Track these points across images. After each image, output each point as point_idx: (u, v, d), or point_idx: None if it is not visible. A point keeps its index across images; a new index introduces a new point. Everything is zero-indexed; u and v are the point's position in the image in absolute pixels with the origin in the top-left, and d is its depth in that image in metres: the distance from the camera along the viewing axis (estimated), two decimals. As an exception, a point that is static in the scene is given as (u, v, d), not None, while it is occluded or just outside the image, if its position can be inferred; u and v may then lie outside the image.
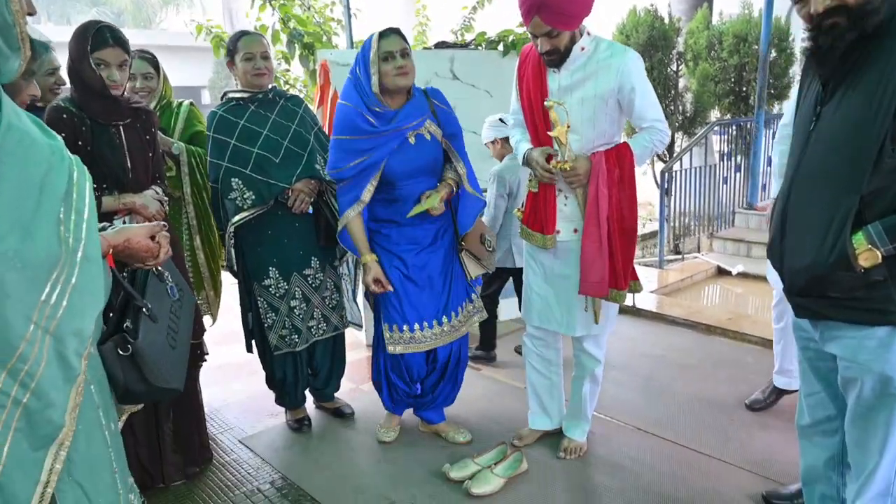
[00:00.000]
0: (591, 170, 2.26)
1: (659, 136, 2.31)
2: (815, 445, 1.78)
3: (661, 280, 5.35)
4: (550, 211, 2.37)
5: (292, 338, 2.80)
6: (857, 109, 1.41)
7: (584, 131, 2.29)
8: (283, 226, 2.71)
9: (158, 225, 1.53)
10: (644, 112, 2.27)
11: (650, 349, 3.82)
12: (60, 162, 1.17)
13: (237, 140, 2.62)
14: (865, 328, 1.47)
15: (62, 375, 1.14)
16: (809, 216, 1.51)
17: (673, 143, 7.44)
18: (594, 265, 2.29)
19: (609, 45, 2.26)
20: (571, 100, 2.25)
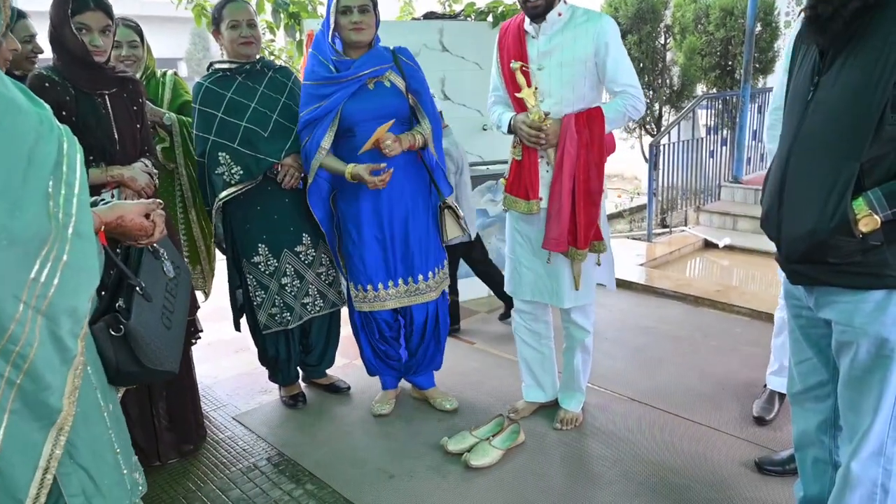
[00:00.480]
0: (560, 130, 2.29)
1: (632, 101, 2.32)
2: (807, 411, 1.81)
3: (649, 253, 5.38)
4: (534, 176, 2.39)
5: (284, 315, 2.77)
6: (857, 78, 1.42)
7: (563, 94, 2.31)
8: (272, 201, 2.66)
9: (154, 203, 1.49)
10: (616, 75, 2.30)
11: (641, 321, 3.86)
12: (49, 132, 1.11)
13: (224, 113, 2.56)
14: (861, 292, 1.50)
15: (58, 357, 1.11)
16: (809, 184, 1.52)
17: (660, 116, 7.45)
18: (553, 221, 2.34)
19: (585, 11, 2.33)
20: (551, 64, 2.31)
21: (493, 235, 4.29)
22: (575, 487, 2.33)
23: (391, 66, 2.52)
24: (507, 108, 2.47)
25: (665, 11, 7.32)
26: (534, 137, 2.29)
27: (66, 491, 1.29)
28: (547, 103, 2.32)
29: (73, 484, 1.30)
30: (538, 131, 2.27)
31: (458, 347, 3.56)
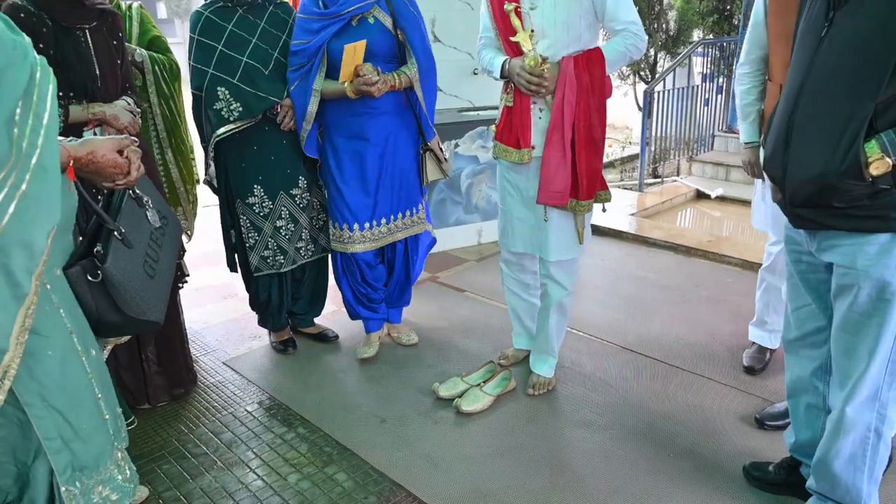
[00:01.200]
0: (559, 75, 2.18)
1: (633, 40, 2.21)
2: (802, 358, 1.82)
3: (640, 203, 5.36)
4: (526, 123, 2.28)
5: (277, 258, 2.74)
6: (877, 15, 1.37)
7: (557, 35, 2.20)
8: (269, 142, 2.60)
9: (127, 139, 1.41)
10: (616, 12, 2.18)
11: (633, 270, 3.86)
12: (23, 59, 1.06)
13: (224, 46, 2.46)
14: (865, 235, 1.48)
15: (8, 293, 1.05)
16: (821, 125, 1.48)
17: (655, 62, 7.32)
18: (557, 174, 2.24)
19: None
20: (544, 3, 2.18)
21: (483, 183, 4.24)
22: (566, 432, 2.36)
23: (378, 2, 2.44)
24: (497, 52, 2.34)
25: (663, -46, 7.12)
26: (533, 84, 2.18)
27: (42, 434, 1.28)
28: (541, 45, 2.20)
29: (49, 427, 1.28)
30: (538, 77, 2.16)
31: (448, 294, 3.55)
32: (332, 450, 2.30)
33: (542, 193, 2.29)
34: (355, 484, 2.12)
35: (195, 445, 2.35)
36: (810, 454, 1.82)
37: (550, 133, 2.24)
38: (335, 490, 2.10)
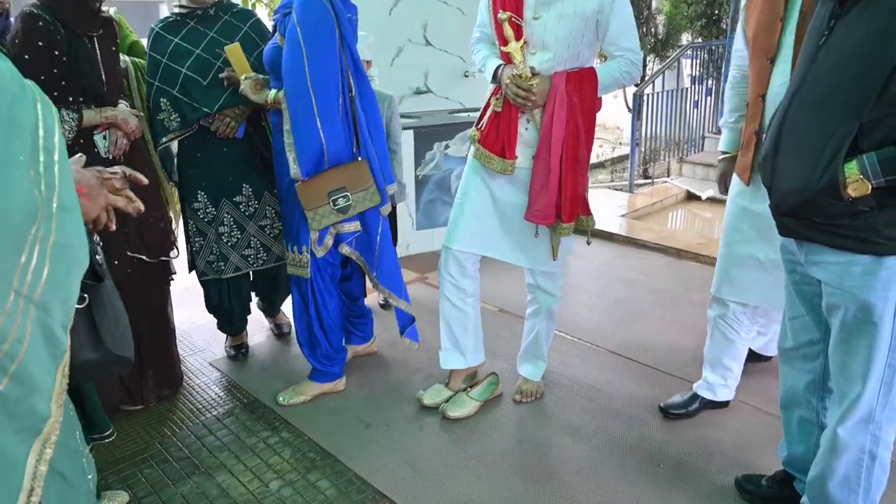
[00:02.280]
0: (550, 90, 2.12)
1: (629, 67, 2.18)
2: (795, 370, 1.79)
3: (630, 204, 5.35)
4: (512, 133, 2.21)
5: (218, 264, 2.74)
6: (872, 29, 1.34)
7: (557, 50, 2.12)
8: (212, 150, 2.61)
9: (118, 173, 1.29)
10: (618, 37, 2.15)
11: (623, 273, 3.85)
12: (21, 90, 0.94)
13: (168, 59, 2.50)
14: (850, 255, 1.46)
15: (48, 353, 0.94)
16: (805, 137, 1.46)
17: (645, 66, 7.32)
18: (541, 192, 2.18)
19: None
20: (549, 15, 2.10)
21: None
22: (553, 439, 2.33)
23: (284, 16, 2.24)
24: (492, 48, 2.29)
25: (653, -44, 7.13)
26: (520, 97, 2.12)
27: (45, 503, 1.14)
28: (538, 58, 2.14)
29: (52, 497, 1.17)
30: (526, 91, 2.10)
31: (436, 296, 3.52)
32: (316, 455, 2.27)
33: (528, 211, 2.23)
34: (338, 492, 2.09)
35: (178, 449, 2.32)
36: (804, 469, 1.80)
37: (539, 149, 2.18)
38: (317, 498, 2.06)
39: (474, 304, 2.49)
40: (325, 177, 2.26)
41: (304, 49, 2.12)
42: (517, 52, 2.09)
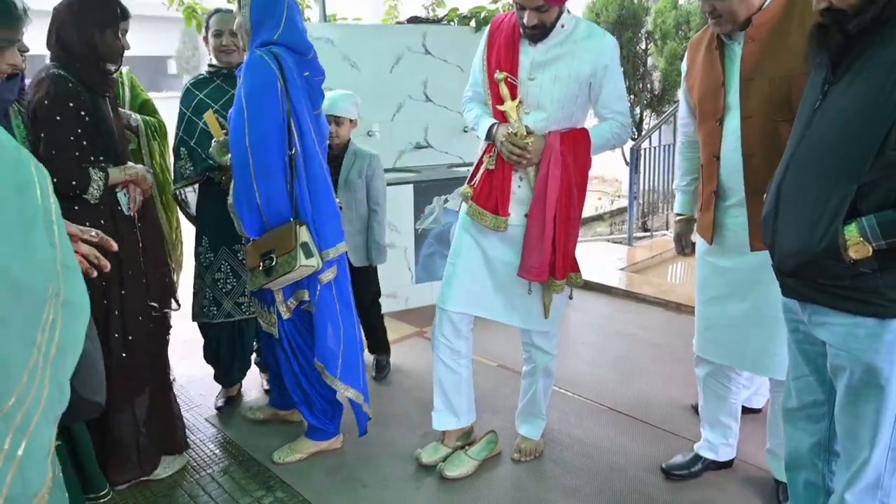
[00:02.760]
0: (544, 149, 2.16)
1: (620, 129, 2.25)
2: (799, 430, 1.76)
3: (630, 257, 5.38)
4: (506, 191, 2.23)
5: (211, 309, 2.80)
6: (865, 95, 1.37)
7: (552, 110, 2.18)
8: (217, 199, 2.69)
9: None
10: (610, 101, 2.21)
11: (622, 327, 3.84)
12: (19, 152, 0.95)
13: (191, 112, 2.74)
14: (854, 317, 1.45)
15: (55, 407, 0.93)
16: (803, 199, 1.48)
17: (641, 120, 7.46)
18: (535, 249, 2.20)
19: (589, 26, 2.20)
20: (544, 77, 2.16)
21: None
22: (552, 501, 2.29)
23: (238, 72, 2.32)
24: (484, 108, 2.32)
25: (646, 17, 7.33)
26: (515, 155, 2.15)
27: None
28: (533, 117, 2.19)
29: None
30: (521, 150, 2.14)
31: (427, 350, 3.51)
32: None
33: (521, 267, 2.24)
34: (334, 554, 2.04)
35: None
36: (812, 533, 1.75)
37: (533, 207, 2.20)
38: (313, 561, 2.02)
39: (467, 364, 2.48)
40: (263, 239, 2.28)
41: (245, 109, 2.16)
42: (513, 111, 2.13)
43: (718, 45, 2.00)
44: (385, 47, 4.20)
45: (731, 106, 1.98)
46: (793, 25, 1.84)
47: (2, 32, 1.56)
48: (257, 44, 2.20)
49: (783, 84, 1.84)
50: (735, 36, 1.96)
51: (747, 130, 1.93)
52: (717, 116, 2.01)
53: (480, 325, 2.51)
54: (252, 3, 2.19)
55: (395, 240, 4.05)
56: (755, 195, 1.91)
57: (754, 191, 1.92)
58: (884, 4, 1.36)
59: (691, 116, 2.23)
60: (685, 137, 2.30)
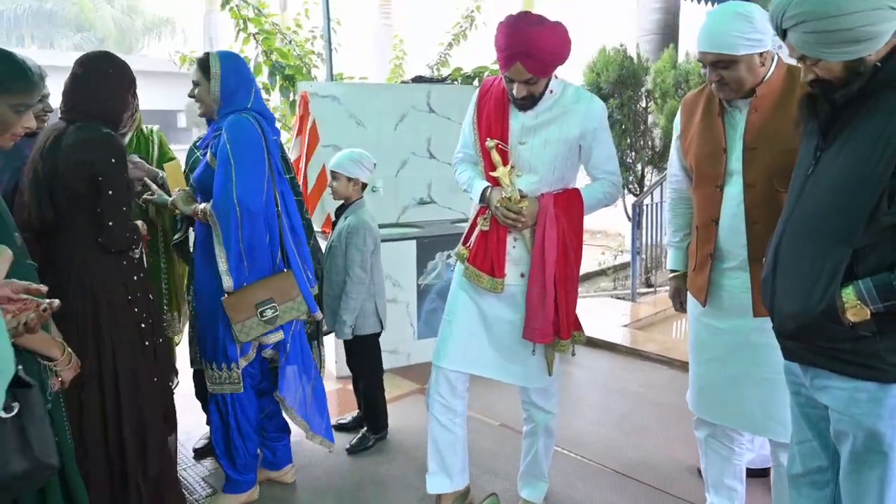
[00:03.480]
0: (539, 212, 2.19)
1: (611, 189, 2.29)
2: (804, 497, 1.72)
3: (633, 314, 5.35)
4: (501, 252, 2.24)
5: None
6: (855, 162, 1.40)
7: (544, 173, 2.22)
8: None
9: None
10: (601, 162, 2.26)
11: (626, 385, 3.79)
12: None
13: (188, 168, 2.73)
14: (855, 381, 1.44)
15: None
16: (800, 262, 1.49)
17: (643, 176, 7.54)
18: (538, 311, 2.20)
19: (576, 91, 2.24)
20: (534, 141, 2.20)
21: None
22: (556, 566, 2.22)
23: (214, 139, 2.38)
24: (475, 169, 2.35)
25: (646, 77, 7.50)
26: (510, 219, 2.17)
27: None
28: (525, 180, 2.22)
29: None
30: (516, 214, 2.16)
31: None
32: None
33: (526, 329, 2.23)
34: None
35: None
36: None
37: (533, 270, 2.21)
38: None
39: (462, 423, 2.44)
40: (251, 290, 2.35)
41: (233, 165, 2.28)
42: (505, 176, 2.16)
43: (720, 111, 2.01)
44: (390, 105, 4.30)
45: (731, 172, 1.98)
46: (794, 97, 1.83)
47: (18, 97, 1.60)
48: (229, 111, 2.36)
49: (786, 154, 1.82)
50: (735, 102, 1.97)
51: (750, 198, 1.93)
52: (717, 183, 2.00)
53: (482, 382, 2.47)
54: (224, 75, 2.36)
55: (398, 295, 4.05)
56: (758, 262, 1.89)
57: (757, 257, 1.91)
58: (868, 78, 1.40)
59: (684, 174, 2.22)
60: (676, 194, 2.29)
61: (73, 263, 2.05)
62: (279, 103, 5.20)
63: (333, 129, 4.16)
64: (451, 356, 2.33)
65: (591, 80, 7.19)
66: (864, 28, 1.36)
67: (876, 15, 1.35)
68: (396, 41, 6.45)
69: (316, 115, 3.99)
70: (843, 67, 1.41)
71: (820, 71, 1.45)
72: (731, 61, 1.84)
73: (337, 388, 3.79)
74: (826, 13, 1.36)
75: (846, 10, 1.35)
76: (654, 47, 8.45)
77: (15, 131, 1.63)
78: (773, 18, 1.48)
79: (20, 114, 1.61)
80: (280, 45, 4.92)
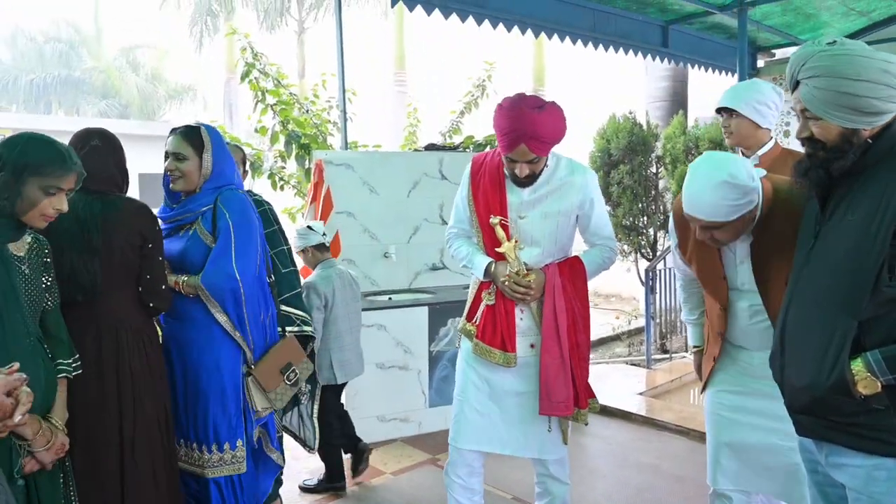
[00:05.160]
0: (546, 283, 2.22)
1: (609, 254, 2.36)
2: None
3: (649, 381, 5.25)
4: (511, 325, 2.24)
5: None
6: (853, 235, 1.41)
7: (546, 245, 2.28)
8: None
9: (20, 379, 1.39)
10: (598, 229, 2.34)
11: (642, 457, 3.68)
12: None
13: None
14: (872, 457, 1.40)
15: None
16: (808, 335, 1.48)
17: (655, 241, 7.55)
18: (557, 383, 2.18)
19: (569, 162, 2.32)
20: (534, 214, 2.25)
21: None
22: None
23: (201, 213, 2.33)
24: (471, 243, 2.37)
25: (656, 143, 7.61)
26: (519, 293, 2.20)
27: None
28: (527, 252, 2.26)
29: None
30: (525, 288, 2.18)
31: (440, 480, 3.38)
32: None
33: (543, 404, 2.21)
34: None
35: None
36: None
37: (545, 341, 2.21)
38: None
39: (480, 500, 2.43)
40: (271, 358, 2.39)
41: (233, 241, 2.29)
42: (511, 251, 2.20)
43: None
44: (403, 172, 4.39)
45: (736, 291, 1.95)
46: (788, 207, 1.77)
47: (52, 180, 1.68)
48: (218, 185, 2.34)
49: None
50: None
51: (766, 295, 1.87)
52: (720, 304, 1.98)
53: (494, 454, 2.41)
54: (216, 148, 2.35)
55: (409, 362, 4.01)
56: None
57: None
58: (861, 153, 1.44)
59: (687, 267, 2.18)
60: (683, 276, 2.27)
61: (124, 325, 2.09)
62: (295, 170, 5.31)
63: (347, 195, 4.24)
64: (467, 436, 2.33)
65: (601, 146, 7.31)
66: (871, 100, 1.41)
67: (884, 91, 1.40)
68: (410, 109, 6.62)
69: (330, 183, 4.08)
70: (838, 133, 1.45)
71: (816, 129, 1.49)
72: (724, 223, 1.76)
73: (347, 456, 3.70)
74: (843, 73, 1.42)
75: (862, 76, 1.40)
76: (664, 114, 8.62)
77: (45, 212, 1.70)
78: (791, 67, 1.52)
79: (51, 196, 1.69)
80: (297, 115, 5.06)
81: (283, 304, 2.62)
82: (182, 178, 2.31)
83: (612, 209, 7.16)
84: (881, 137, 1.45)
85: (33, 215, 1.69)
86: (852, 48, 1.45)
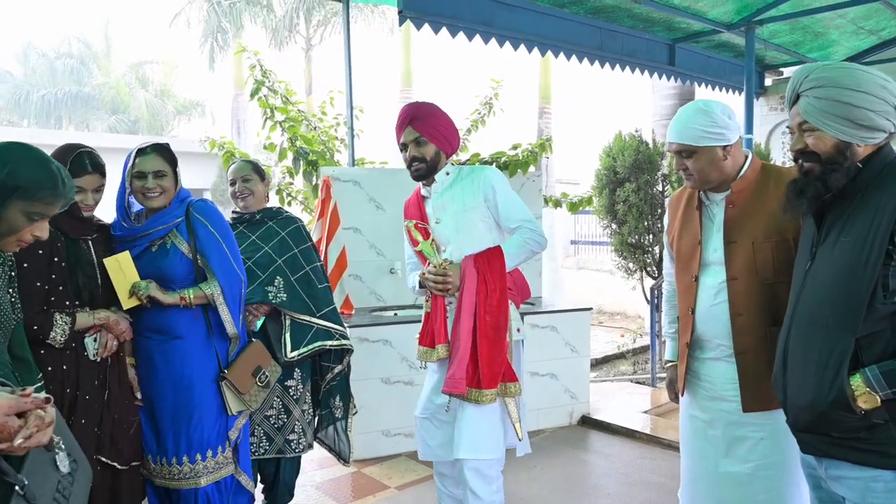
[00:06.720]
0: (462, 271, 2.37)
1: (529, 234, 2.43)
2: None
3: (654, 399, 5.22)
4: (441, 322, 2.41)
5: (261, 445, 2.74)
6: (848, 255, 1.46)
7: (461, 240, 2.43)
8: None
9: (32, 402, 1.26)
10: (510, 213, 2.43)
11: (647, 476, 3.67)
12: None
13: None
14: (870, 470, 1.43)
15: None
16: (808, 353, 1.51)
17: (661, 259, 7.55)
18: (456, 360, 2.31)
19: (470, 168, 2.51)
20: (445, 216, 2.46)
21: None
22: None
23: (174, 226, 2.35)
24: (418, 266, 2.58)
25: (662, 161, 7.64)
26: (440, 283, 2.37)
27: None
28: (448, 251, 2.45)
29: None
30: (443, 276, 2.36)
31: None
32: None
33: (445, 381, 2.33)
34: None
35: None
36: None
37: (454, 324, 2.37)
38: None
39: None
40: (241, 362, 2.44)
41: (223, 243, 2.40)
42: (427, 246, 2.42)
43: (699, 205, 2.07)
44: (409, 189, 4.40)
45: (707, 263, 2.02)
46: (769, 192, 1.93)
47: (40, 206, 1.49)
48: (182, 197, 2.39)
49: (765, 247, 1.90)
50: (713, 197, 2.04)
51: (733, 291, 1.95)
52: (693, 274, 2.04)
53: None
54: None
55: (413, 377, 4.01)
56: (744, 354, 1.93)
57: (743, 350, 1.93)
58: (853, 177, 1.49)
59: (674, 267, 2.24)
60: (670, 287, 2.30)
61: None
62: (302, 186, 5.35)
63: (354, 211, 4.27)
64: (424, 452, 2.55)
65: (607, 164, 7.34)
66: (868, 112, 1.46)
67: (881, 105, 1.47)
68: (417, 126, 6.66)
69: (337, 199, 4.12)
70: (833, 145, 1.50)
71: (811, 141, 1.53)
72: (693, 151, 1.94)
73: (352, 471, 3.71)
74: (845, 84, 1.48)
75: (863, 88, 1.47)
76: (669, 132, 8.66)
77: (23, 238, 1.52)
78: (793, 81, 1.58)
79: (33, 222, 1.50)
80: (305, 132, 5.12)
81: (322, 318, 2.75)
82: (163, 195, 2.32)
83: (617, 227, 7.16)
84: (872, 161, 1.50)
85: (9, 241, 1.50)
86: (854, 65, 1.53)
